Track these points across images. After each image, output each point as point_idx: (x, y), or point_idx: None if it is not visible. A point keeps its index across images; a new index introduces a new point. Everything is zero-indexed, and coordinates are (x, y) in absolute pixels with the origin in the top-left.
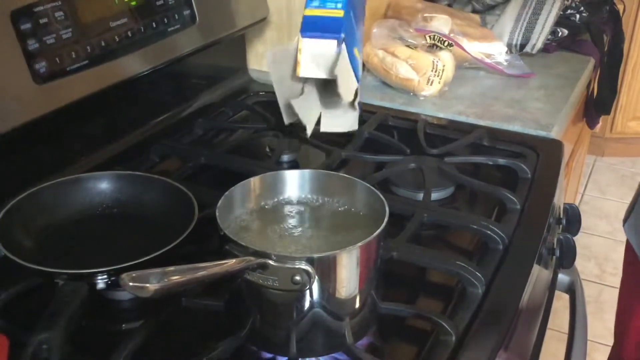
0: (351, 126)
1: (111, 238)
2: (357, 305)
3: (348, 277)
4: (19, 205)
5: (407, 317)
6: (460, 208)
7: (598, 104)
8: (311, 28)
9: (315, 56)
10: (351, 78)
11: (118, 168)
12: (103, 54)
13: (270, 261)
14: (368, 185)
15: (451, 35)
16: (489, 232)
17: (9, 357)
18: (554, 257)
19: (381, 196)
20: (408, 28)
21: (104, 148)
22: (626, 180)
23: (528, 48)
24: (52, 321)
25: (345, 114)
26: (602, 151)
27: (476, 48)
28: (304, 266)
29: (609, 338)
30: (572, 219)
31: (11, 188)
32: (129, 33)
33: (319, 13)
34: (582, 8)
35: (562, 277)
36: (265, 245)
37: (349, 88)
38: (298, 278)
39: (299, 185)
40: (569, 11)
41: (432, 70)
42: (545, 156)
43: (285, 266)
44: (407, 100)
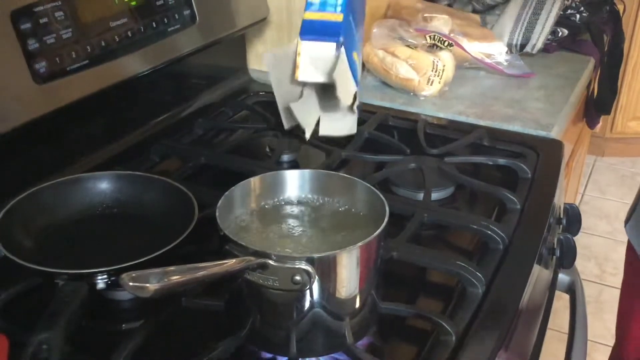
0: (350, 129)
1: (111, 238)
2: (357, 305)
3: (348, 277)
4: (19, 205)
5: (407, 317)
6: (460, 208)
7: (598, 104)
8: (310, 31)
9: (314, 60)
10: (350, 82)
11: (118, 168)
12: (103, 54)
13: (270, 261)
14: (368, 185)
15: (451, 35)
16: (489, 232)
17: (9, 357)
18: (554, 257)
19: (381, 196)
20: (408, 28)
21: (104, 148)
22: (626, 180)
23: (528, 48)
24: (52, 321)
25: (344, 118)
26: (602, 151)
27: (476, 48)
28: (304, 266)
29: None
30: (573, 219)
31: (11, 188)
32: (129, 33)
33: (318, 17)
34: (582, 8)
35: (562, 277)
36: (265, 245)
37: (348, 92)
38: (298, 278)
39: (299, 185)
40: (569, 11)
41: (432, 70)
42: (545, 156)
43: (285, 266)
44: (407, 100)
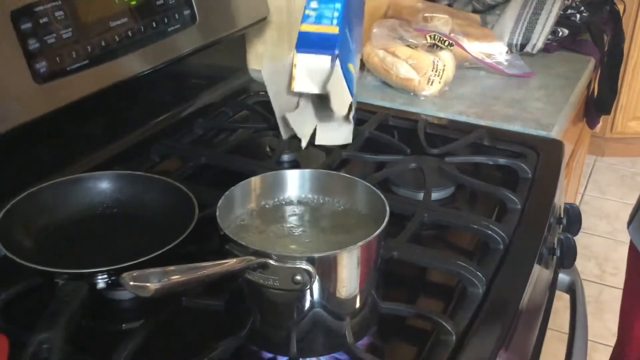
0: (345, 139)
1: (111, 238)
2: (358, 305)
3: (348, 277)
4: (19, 205)
5: (408, 317)
6: (460, 208)
7: (598, 104)
8: (306, 44)
9: (309, 71)
10: (345, 93)
11: (118, 168)
12: (103, 54)
13: (270, 261)
14: (369, 185)
15: (452, 35)
16: (490, 232)
17: (9, 357)
18: (555, 257)
19: (382, 196)
20: (408, 28)
21: (104, 148)
22: (626, 180)
23: (528, 48)
24: (52, 321)
25: (339, 127)
26: (602, 151)
27: (477, 48)
28: (305, 266)
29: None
30: (573, 219)
31: (11, 188)
32: (129, 33)
33: (315, 29)
34: (583, 8)
35: (563, 277)
36: (265, 245)
37: (343, 102)
38: (299, 278)
39: (300, 185)
40: (570, 11)
41: (433, 70)
42: (545, 156)
43: (285, 266)
44: (408, 100)
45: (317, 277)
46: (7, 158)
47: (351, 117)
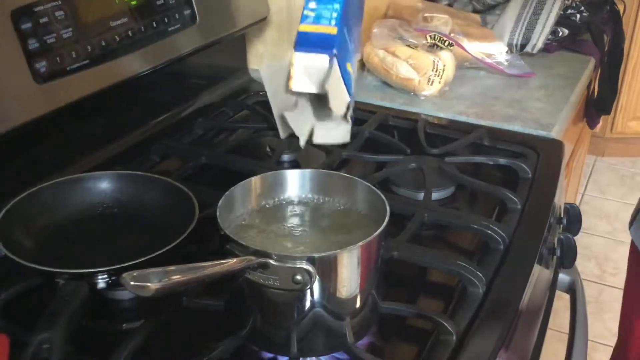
0: (343, 138)
1: (112, 238)
2: (358, 304)
3: (349, 277)
4: (19, 205)
5: (408, 317)
6: (460, 208)
7: (598, 104)
8: (304, 43)
9: (307, 70)
10: (343, 92)
11: (118, 168)
12: (103, 54)
13: (271, 261)
14: (369, 184)
15: (452, 35)
16: (490, 232)
17: (10, 357)
18: (555, 257)
19: (382, 196)
20: (408, 28)
21: (104, 148)
22: (626, 180)
23: (528, 48)
24: (53, 321)
25: (337, 127)
26: (602, 151)
27: (477, 48)
28: (305, 266)
29: (609, 338)
30: (573, 219)
31: (11, 188)
32: (129, 33)
33: (313, 29)
34: (583, 8)
35: (563, 277)
36: (266, 244)
37: (341, 101)
38: (299, 277)
39: (300, 184)
40: (570, 11)
41: (433, 70)
42: (545, 156)
43: (286, 266)
44: (408, 100)
45: (318, 277)
46: (7, 158)
47: (349, 117)
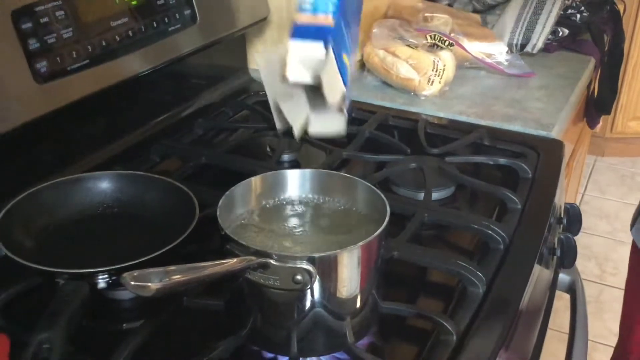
0: (339, 130)
1: (112, 238)
2: (358, 304)
3: (349, 277)
4: (19, 205)
5: (408, 317)
6: (461, 208)
7: (598, 104)
8: (300, 33)
9: (303, 60)
10: (338, 82)
11: (118, 168)
12: (104, 54)
13: (271, 261)
14: (369, 184)
15: (452, 35)
16: (490, 232)
17: (10, 357)
18: (555, 257)
19: (382, 196)
20: (409, 28)
21: (104, 148)
22: (626, 180)
23: (529, 48)
24: (53, 321)
25: (333, 119)
26: (603, 151)
27: (477, 48)
28: (305, 266)
29: (609, 338)
30: (573, 219)
31: (11, 188)
32: (130, 33)
33: (310, 19)
34: (583, 8)
35: (563, 277)
36: (266, 244)
37: (335, 91)
38: (299, 277)
39: (300, 184)
40: (570, 11)
41: (433, 70)
42: (546, 156)
43: (286, 265)
44: (408, 100)
45: (318, 277)
46: (7, 158)
47: (344, 108)
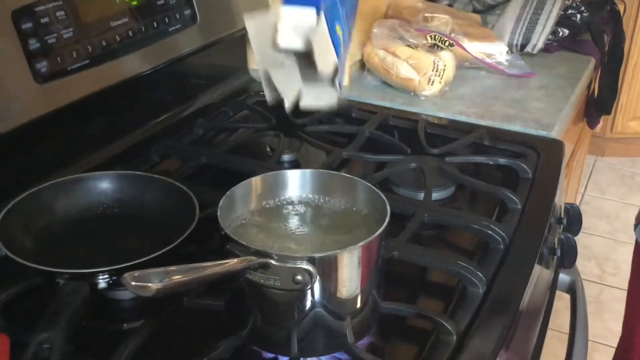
0: (330, 104)
1: (112, 238)
2: (358, 304)
3: (349, 277)
4: (20, 205)
5: (408, 317)
6: (461, 208)
7: (598, 104)
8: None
9: (295, 26)
10: (329, 49)
11: (118, 168)
12: (104, 54)
13: (271, 261)
14: (369, 184)
15: (452, 35)
16: (490, 232)
17: (10, 357)
18: (555, 257)
19: (382, 196)
20: (409, 28)
21: (104, 148)
22: (626, 180)
23: (529, 48)
24: (53, 321)
25: (326, 91)
26: (603, 151)
27: (477, 48)
28: (306, 266)
29: (610, 338)
30: (573, 219)
31: (11, 188)
32: (130, 33)
33: None
34: (583, 8)
35: (563, 277)
36: (266, 244)
37: (327, 60)
38: (299, 278)
39: (300, 184)
40: (570, 11)
41: (433, 70)
42: (546, 156)
43: (286, 266)
44: (408, 100)
45: (318, 277)
46: (7, 158)
47: (337, 82)
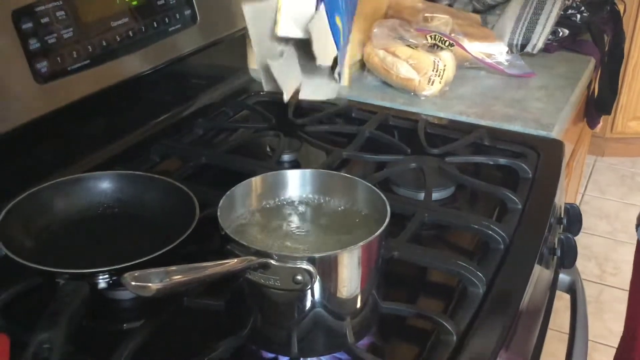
0: (328, 95)
1: (112, 238)
2: (358, 304)
3: (349, 277)
4: (20, 205)
5: (408, 317)
6: (461, 208)
7: (598, 104)
8: None
9: (294, 15)
10: (328, 41)
11: (118, 168)
12: (104, 54)
13: (271, 261)
14: (369, 184)
15: (452, 35)
16: (490, 232)
17: (10, 357)
18: (555, 257)
19: (382, 196)
20: (409, 28)
21: (104, 148)
22: (626, 180)
23: (529, 48)
24: (53, 321)
25: (324, 83)
26: (603, 151)
27: (477, 48)
28: (306, 266)
29: (610, 338)
30: (573, 219)
31: (11, 188)
32: (130, 33)
33: None
34: (583, 8)
35: (563, 277)
36: (266, 244)
37: (325, 50)
38: (299, 278)
39: (300, 184)
40: (570, 11)
41: (433, 70)
42: (546, 156)
43: (286, 266)
44: (408, 100)
45: (318, 277)
46: (7, 158)
47: (336, 74)
